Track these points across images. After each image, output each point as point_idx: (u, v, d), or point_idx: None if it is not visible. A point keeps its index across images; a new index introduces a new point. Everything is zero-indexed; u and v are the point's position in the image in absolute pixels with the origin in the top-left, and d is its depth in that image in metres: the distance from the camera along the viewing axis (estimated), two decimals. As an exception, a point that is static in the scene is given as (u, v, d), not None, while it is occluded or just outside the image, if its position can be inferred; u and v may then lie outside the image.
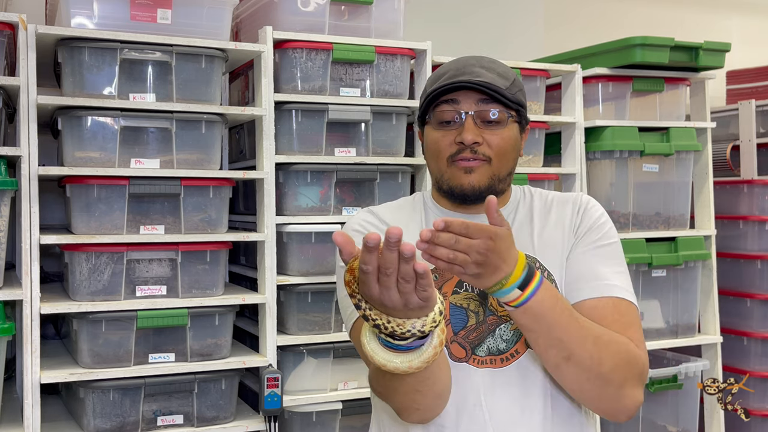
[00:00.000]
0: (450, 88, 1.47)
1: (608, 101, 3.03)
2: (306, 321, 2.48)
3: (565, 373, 1.37)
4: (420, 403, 1.33)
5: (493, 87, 1.46)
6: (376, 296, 1.11)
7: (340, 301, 1.52)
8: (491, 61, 1.53)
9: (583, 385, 1.38)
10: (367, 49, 2.51)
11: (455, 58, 1.56)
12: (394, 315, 1.14)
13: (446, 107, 1.49)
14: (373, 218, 1.56)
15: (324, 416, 2.50)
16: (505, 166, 1.51)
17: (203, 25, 2.34)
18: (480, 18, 3.62)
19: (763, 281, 3.38)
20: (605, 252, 1.49)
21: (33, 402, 2.13)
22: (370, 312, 1.14)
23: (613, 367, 1.36)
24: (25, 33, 2.15)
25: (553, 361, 1.36)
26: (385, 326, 1.14)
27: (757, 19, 4.38)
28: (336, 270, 1.53)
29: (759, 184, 3.39)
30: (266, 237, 2.42)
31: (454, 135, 1.48)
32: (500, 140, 1.48)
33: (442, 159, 1.50)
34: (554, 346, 1.33)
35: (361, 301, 1.14)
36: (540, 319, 1.31)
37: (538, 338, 1.34)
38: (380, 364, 1.19)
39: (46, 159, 2.46)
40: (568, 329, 1.33)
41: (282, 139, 2.47)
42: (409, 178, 2.63)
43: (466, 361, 1.44)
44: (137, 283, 2.28)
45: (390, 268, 1.08)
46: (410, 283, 1.09)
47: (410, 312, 1.13)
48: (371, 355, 1.19)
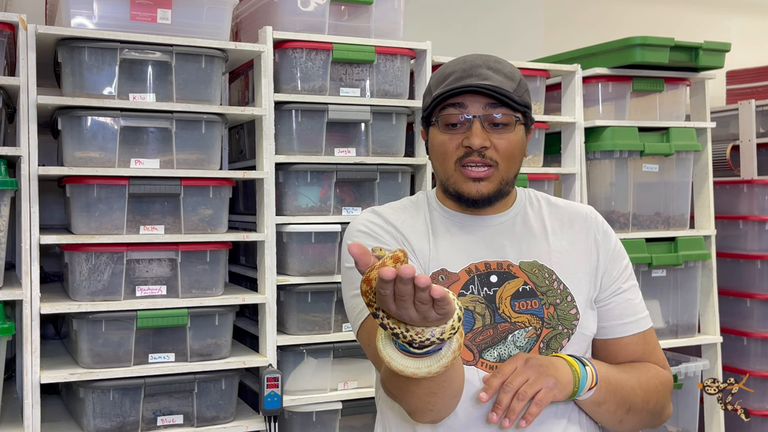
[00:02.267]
0: (457, 92, 1.45)
1: (608, 101, 3.03)
2: (306, 321, 2.48)
3: (625, 422, 1.50)
4: (435, 404, 1.33)
5: (501, 91, 1.44)
6: (395, 312, 1.12)
7: (346, 302, 1.51)
8: (497, 61, 1.52)
9: (635, 425, 1.52)
10: (367, 49, 2.51)
11: (460, 57, 1.54)
12: (412, 325, 1.14)
13: (453, 110, 1.47)
14: (378, 219, 1.54)
15: (324, 416, 2.50)
16: (513, 169, 1.51)
17: (203, 25, 2.34)
18: (480, 18, 3.62)
19: (763, 281, 3.38)
20: (629, 275, 1.59)
21: (33, 402, 2.13)
22: (387, 321, 1.13)
23: (657, 401, 1.51)
24: (25, 33, 2.15)
25: (617, 418, 1.48)
26: (404, 335, 1.13)
27: (757, 19, 4.38)
28: (341, 271, 1.52)
29: (759, 184, 3.39)
30: (266, 237, 2.42)
31: (461, 138, 1.47)
32: (508, 144, 1.47)
33: (449, 162, 1.49)
34: (620, 406, 1.47)
35: (378, 310, 1.14)
36: (609, 390, 1.44)
37: (609, 407, 1.46)
38: (398, 370, 1.18)
39: (46, 159, 2.46)
40: (625, 386, 1.47)
41: (282, 139, 2.47)
42: (409, 178, 2.63)
43: (474, 364, 1.44)
44: (137, 283, 2.28)
45: (405, 296, 1.08)
46: (427, 305, 1.09)
47: (428, 323, 1.13)
48: (388, 361, 1.19)
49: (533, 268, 1.49)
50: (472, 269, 1.48)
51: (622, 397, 1.46)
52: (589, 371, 1.42)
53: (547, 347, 1.46)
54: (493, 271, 1.48)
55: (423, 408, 1.34)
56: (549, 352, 1.45)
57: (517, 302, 1.46)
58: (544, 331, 1.46)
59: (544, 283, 1.48)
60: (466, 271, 1.48)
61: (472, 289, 1.47)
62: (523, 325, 1.45)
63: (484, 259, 1.49)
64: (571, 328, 1.47)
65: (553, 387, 1.36)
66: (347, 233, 1.54)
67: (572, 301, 1.48)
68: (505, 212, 1.55)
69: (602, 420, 1.50)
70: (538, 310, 1.47)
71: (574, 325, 1.48)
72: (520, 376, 1.35)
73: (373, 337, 1.38)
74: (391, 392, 1.37)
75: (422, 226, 1.54)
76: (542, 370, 1.37)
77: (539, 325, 1.46)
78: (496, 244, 1.52)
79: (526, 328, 1.45)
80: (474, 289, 1.47)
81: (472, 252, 1.50)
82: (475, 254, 1.50)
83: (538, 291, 1.48)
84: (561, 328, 1.47)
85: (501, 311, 1.46)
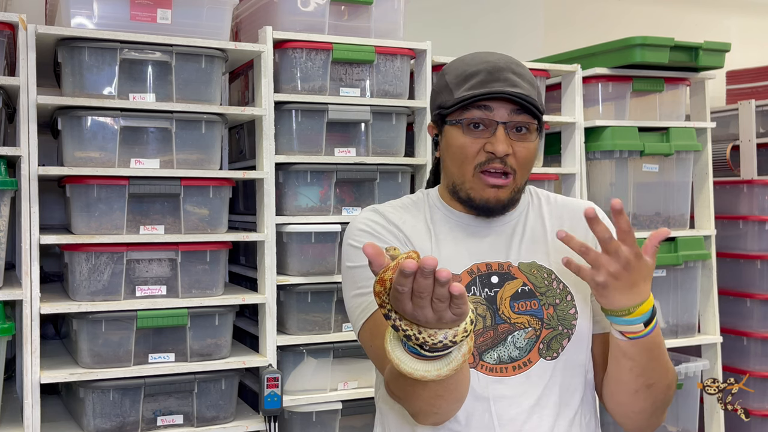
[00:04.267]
0: (487, 96, 1.42)
1: (608, 101, 3.03)
2: (306, 321, 2.48)
3: (641, 397, 1.43)
4: (440, 407, 1.32)
5: (529, 99, 1.42)
6: (409, 313, 1.11)
7: (347, 302, 1.49)
8: (518, 65, 1.49)
9: (646, 409, 1.45)
10: (367, 49, 2.51)
11: (479, 54, 1.50)
12: (425, 326, 1.13)
13: (477, 112, 1.43)
14: (380, 218, 1.52)
15: (324, 416, 2.50)
16: (526, 177, 1.49)
17: (203, 25, 2.34)
18: (480, 18, 3.62)
19: (763, 281, 3.38)
20: None
21: (33, 402, 2.13)
22: (400, 323, 1.13)
23: (670, 397, 1.46)
24: (25, 33, 2.15)
25: (634, 387, 1.42)
26: (416, 337, 1.12)
27: (757, 19, 4.38)
28: (342, 270, 1.51)
29: (759, 184, 3.39)
30: (266, 237, 2.42)
31: (482, 142, 1.44)
32: (527, 152, 1.45)
33: (467, 166, 1.46)
34: (644, 375, 1.40)
35: (391, 311, 1.13)
36: (646, 352, 1.37)
37: (634, 367, 1.40)
38: (407, 373, 1.17)
39: (46, 159, 2.46)
40: (660, 360, 1.41)
41: (282, 139, 2.47)
42: (409, 178, 2.63)
43: (474, 367, 1.43)
44: (137, 283, 2.28)
45: (424, 293, 1.07)
46: (444, 303, 1.09)
47: (443, 324, 1.12)
48: (397, 364, 1.18)
49: (532, 269, 1.49)
50: (474, 270, 1.48)
51: (652, 367, 1.40)
52: (653, 322, 1.36)
53: (547, 348, 1.45)
54: (494, 272, 1.48)
55: (428, 410, 1.33)
56: (549, 353, 1.45)
57: (516, 303, 1.46)
58: (544, 332, 1.46)
59: (543, 283, 1.48)
60: (468, 272, 1.47)
61: (474, 290, 1.46)
62: (522, 326, 1.45)
63: (485, 260, 1.49)
64: (570, 328, 1.47)
65: (609, 290, 1.31)
66: (348, 232, 1.53)
67: (571, 300, 1.48)
68: (510, 214, 1.54)
69: (620, 381, 1.44)
70: (537, 311, 1.46)
71: (573, 325, 1.47)
72: (627, 247, 1.28)
73: (375, 337, 1.37)
74: (396, 394, 1.36)
75: (423, 225, 1.53)
76: (631, 278, 1.30)
77: (539, 325, 1.46)
78: (497, 244, 1.51)
79: (525, 329, 1.45)
80: (475, 290, 1.46)
81: (474, 253, 1.49)
82: (477, 255, 1.49)
83: (537, 291, 1.47)
84: (561, 329, 1.46)
85: (501, 312, 1.46)
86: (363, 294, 1.43)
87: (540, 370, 1.44)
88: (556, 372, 1.45)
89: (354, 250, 1.47)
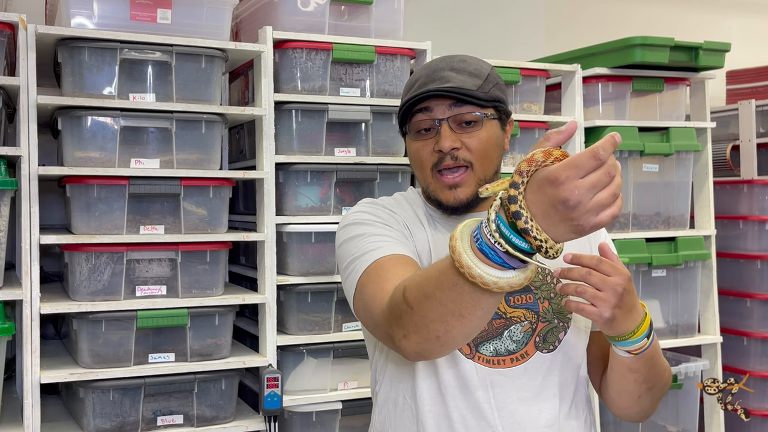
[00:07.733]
0: (421, 97, 1.46)
1: (608, 101, 3.03)
2: (306, 321, 2.48)
3: (644, 399, 1.47)
4: (451, 328, 1.21)
5: (461, 90, 1.44)
6: (584, 187, 1.02)
7: (343, 271, 1.46)
8: (461, 61, 1.51)
9: (647, 407, 1.50)
10: (367, 49, 2.51)
11: (426, 62, 1.56)
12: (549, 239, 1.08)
13: (421, 116, 1.48)
14: (378, 205, 1.55)
15: (324, 416, 2.50)
16: (490, 167, 1.49)
17: (203, 25, 2.34)
18: (480, 18, 3.62)
19: (763, 281, 3.38)
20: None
21: (33, 402, 2.13)
22: (532, 223, 1.07)
23: (667, 389, 1.51)
24: (25, 33, 2.15)
25: (638, 393, 1.45)
26: (541, 240, 1.07)
27: (757, 19, 4.38)
28: (341, 270, 1.52)
29: (759, 184, 3.39)
30: (266, 237, 2.42)
31: (432, 143, 1.47)
32: (478, 142, 1.46)
33: (425, 169, 1.50)
34: (647, 381, 1.43)
35: (524, 209, 1.07)
36: (648, 360, 1.40)
37: (638, 377, 1.42)
38: (490, 282, 1.10)
39: (46, 159, 2.46)
40: (660, 363, 1.44)
41: (282, 139, 2.47)
42: (408, 178, 2.63)
43: (471, 358, 1.44)
44: (137, 283, 2.28)
45: (603, 183, 1.02)
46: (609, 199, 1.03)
47: (570, 235, 1.07)
48: (479, 274, 1.10)
49: None
50: None
51: (655, 373, 1.44)
52: (652, 334, 1.38)
53: (543, 341, 1.46)
54: None
55: (437, 327, 1.21)
56: (546, 346, 1.46)
57: (512, 297, 1.47)
58: (540, 325, 1.47)
59: (537, 278, 1.49)
60: None
61: None
62: (518, 320, 1.46)
63: None
64: (566, 321, 1.48)
65: (613, 322, 1.31)
66: (346, 217, 1.52)
67: (566, 295, 1.48)
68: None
69: (624, 391, 1.46)
70: (533, 305, 1.47)
71: (568, 318, 1.48)
72: (607, 284, 1.28)
73: (370, 282, 1.36)
74: (414, 298, 1.23)
75: (415, 218, 1.55)
76: (628, 302, 1.31)
77: (534, 319, 1.47)
78: None
79: (521, 322, 1.46)
80: None
81: None
82: None
83: (532, 286, 1.49)
84: (557, 322, 1.47)
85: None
86: (360, 256, 1.42)
87: (537, 362, 1.45)
88: (554, 364, 1.46)
89: (354, 226, 1.47)
